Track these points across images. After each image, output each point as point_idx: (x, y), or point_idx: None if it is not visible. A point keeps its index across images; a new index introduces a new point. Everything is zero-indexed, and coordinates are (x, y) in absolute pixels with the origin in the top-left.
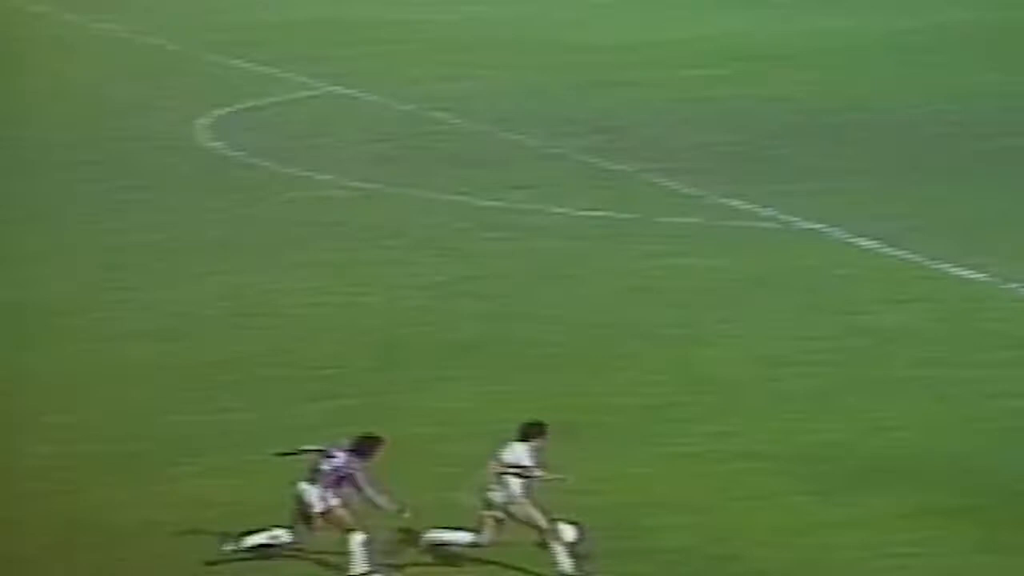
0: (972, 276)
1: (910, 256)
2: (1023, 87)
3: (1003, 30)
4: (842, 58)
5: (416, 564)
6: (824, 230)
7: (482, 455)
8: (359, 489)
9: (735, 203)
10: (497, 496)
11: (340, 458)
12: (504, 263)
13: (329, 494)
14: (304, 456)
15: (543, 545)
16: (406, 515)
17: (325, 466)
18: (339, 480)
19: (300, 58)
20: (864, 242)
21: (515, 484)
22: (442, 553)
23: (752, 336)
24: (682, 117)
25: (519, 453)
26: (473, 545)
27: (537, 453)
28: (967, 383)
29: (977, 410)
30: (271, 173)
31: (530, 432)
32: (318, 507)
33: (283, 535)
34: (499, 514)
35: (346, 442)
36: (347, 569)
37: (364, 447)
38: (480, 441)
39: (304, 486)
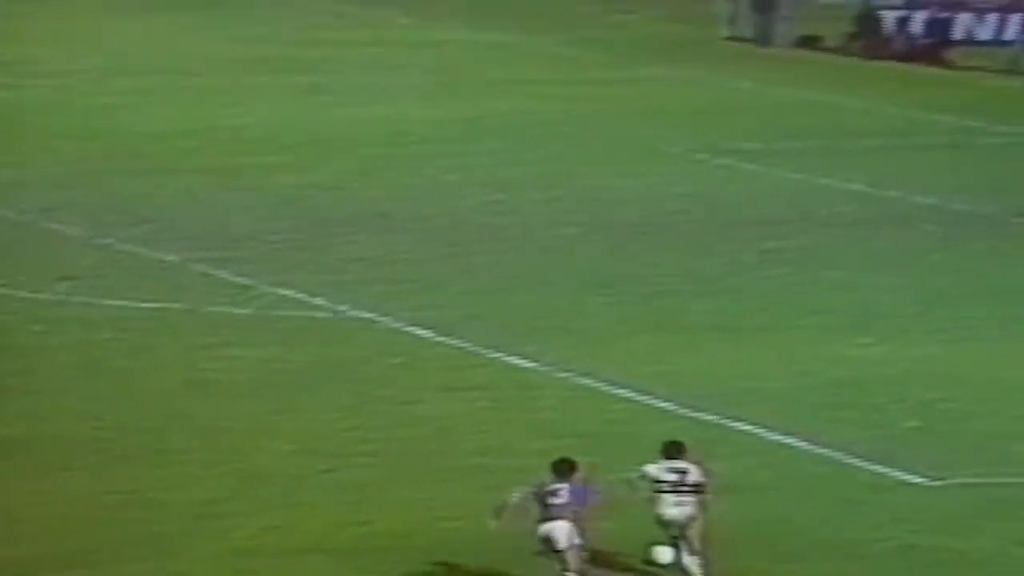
0: (526, 365)
1: (464, 344)
2: (566, 177)
3: (545, 122)
4: (391, 146)
5: None
6: (377, 319)
7: (34, 556)
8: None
9: (286, 292)
10: (676, 513)
11: (564, 489)
12: (50, 357)
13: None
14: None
15: None
16: None
17: (556, 500)
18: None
19: None
20: (418, 331)
21: (693, 502)
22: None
23: (306, 427)
24: (231, 205)
25: (691, 469)
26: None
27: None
28: (521, 471)
29: None
30: None
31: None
32: (564, 543)
33: None
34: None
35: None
36: None
37: (564, 470)
38: (30, 542)
39: (550, 525)
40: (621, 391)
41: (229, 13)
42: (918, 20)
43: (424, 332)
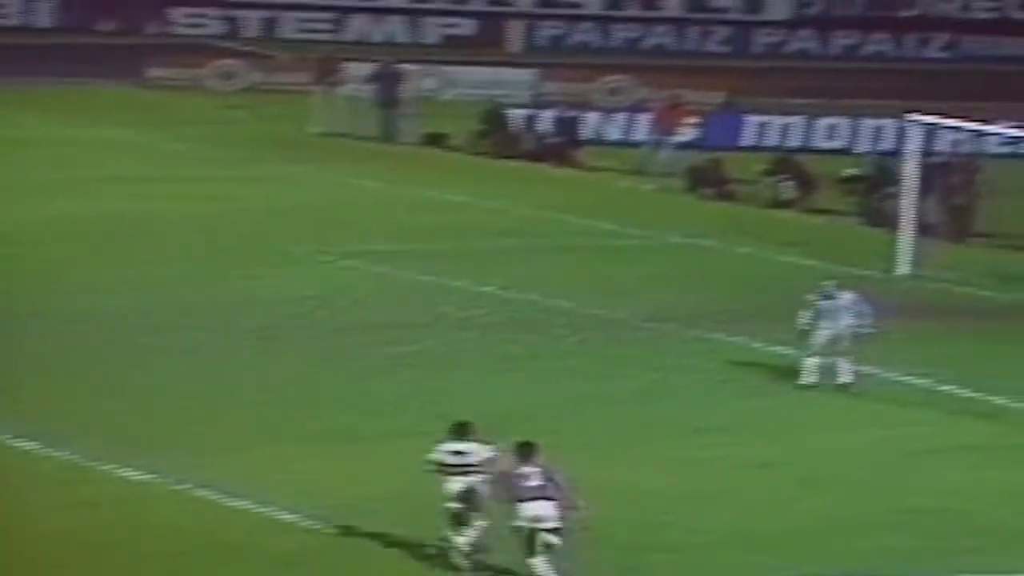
0: (139, 477)
1: (71, 457)
2: (184, 280)
3: (162, 222)
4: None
5: None
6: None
7: None
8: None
9: None
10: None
11: (535, 472)
12: None
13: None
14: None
15: None
16: None
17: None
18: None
19: None
20: (22, 443)
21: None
22: None
23: None
24: None
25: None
26: None
27: None
28: None
29: None
30: None
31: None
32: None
33: None
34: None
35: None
36: None
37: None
38: None
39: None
40: (242, 503)
41: None
42: (546, 118)
43: (28, 444)
